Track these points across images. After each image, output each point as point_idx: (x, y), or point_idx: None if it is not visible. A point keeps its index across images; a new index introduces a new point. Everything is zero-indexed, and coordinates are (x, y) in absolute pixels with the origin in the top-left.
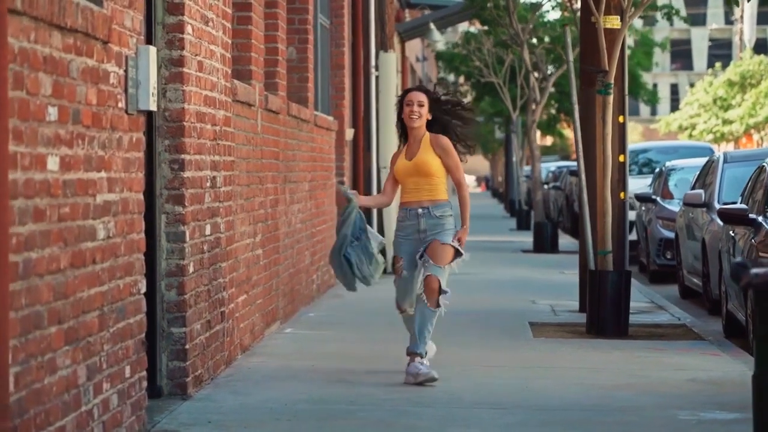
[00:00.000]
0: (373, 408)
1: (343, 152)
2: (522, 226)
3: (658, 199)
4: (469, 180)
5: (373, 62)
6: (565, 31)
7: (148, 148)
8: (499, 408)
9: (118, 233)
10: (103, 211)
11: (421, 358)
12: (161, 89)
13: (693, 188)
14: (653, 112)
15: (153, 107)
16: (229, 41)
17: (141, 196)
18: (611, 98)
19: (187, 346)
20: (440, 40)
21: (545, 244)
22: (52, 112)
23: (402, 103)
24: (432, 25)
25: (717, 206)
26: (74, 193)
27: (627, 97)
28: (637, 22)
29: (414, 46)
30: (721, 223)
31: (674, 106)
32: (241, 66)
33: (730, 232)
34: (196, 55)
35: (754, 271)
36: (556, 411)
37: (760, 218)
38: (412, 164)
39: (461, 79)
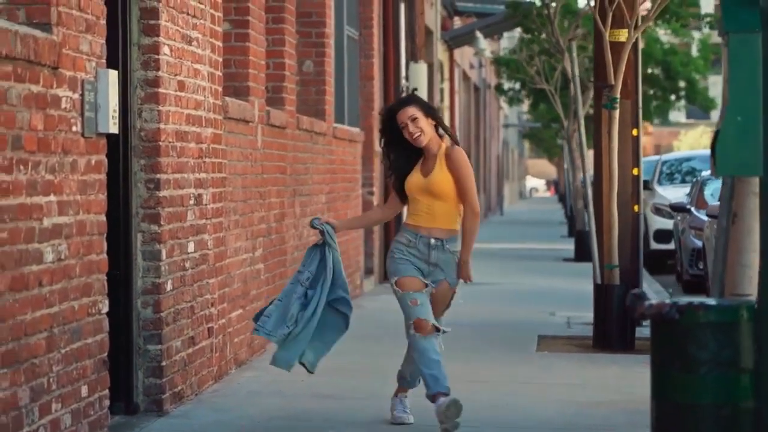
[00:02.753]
0: (346, 426)
1: (372, 163)
2: (573, 232)
3: (692, 208)
4: (539, 183)
5: (403, 73)
6: (570, 45)
7: (123, 168)
8: (470, 426)
9: (73, 255)
10: (53, 235)
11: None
12: (137, 110)
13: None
14: None
15: (113, 130)
16: (220, 59)
17: (102, 218)
18: (617, 113)
19: (163, 363)
20: (486, 48)
21: (587, 252)
22: None
23: (390, 127)
24: (478, 33)
25: None
26: (14, 218)
27: (641, 110)
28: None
29: (467, 52)
30: None
31: None
32: (238, 83)
33: None
34: (176, 75)
35: (648, 302)
36: (525, 429)
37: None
38: (425, 182)
39: (518, 85)
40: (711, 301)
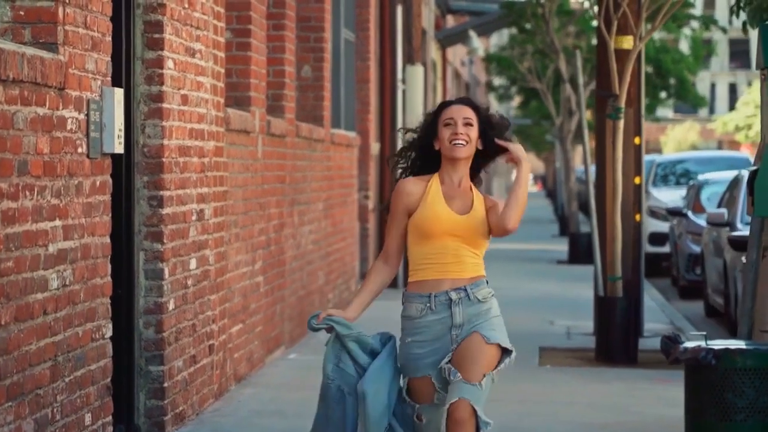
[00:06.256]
0: None
1: (368, 167)
2: (565, 232)
3: (689, 213)
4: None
5: (399, 75)
6: (576, 53)
7: (126, 185)
8: None
9: (77, 280)
10: (57, 260)
11: None
12: (140, 125)
13: (719, 205)
14: (711, 111)
15: (119, 150)
16: (222, 70)
17: (107, 240)
18: (621, 123)
19: (165, 385)
20: (479, 47)
21: (581, 255)
22: None
23: (434, 123)
24: (471, 33)
25: (739, 226)
26: (20, 245)
27: (643, 118)
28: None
29: (459, 50)
30: None
31: (732, 105)
32: (240, 93)
33: (743, 258)
34: (180, 89)
35: (683, 346)
36: None
37: None
38: (465, 220)
39: (507, 82)
40: (749, 346)
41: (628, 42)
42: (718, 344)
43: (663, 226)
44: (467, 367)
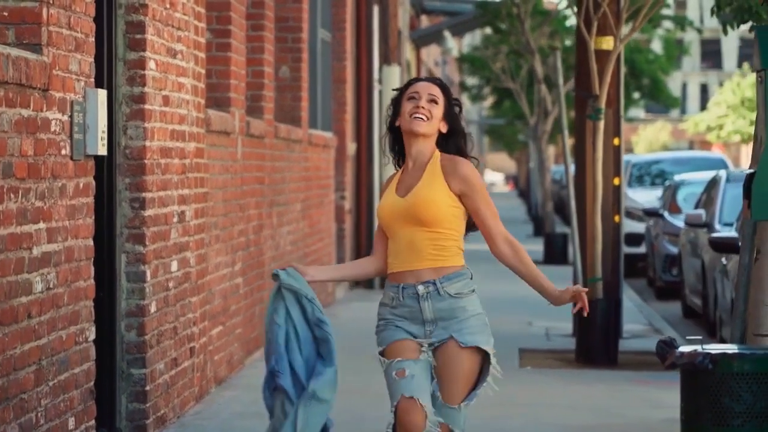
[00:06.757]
0: None
1: (344, 167)
2: (539, 232)
3: (666, 213)
4: (498, 178)
5: (376, 75)
6: (555, 54)
7: (107, 187)
8: None
9: (61, 283)
10: (42, 263)
11: None
12: (122, 126)
13: (697, 206)
14: (683, 111)
15: (102, 151)
16: (203, 71)
17: (90, 242)
18: (601, 123)
19: (147, 388)
20: (454, 47)
21: (556, 255)
22: None
23: (401, 99)
24: (446, 33)
25: (717, 227)
26: (4, 249)
27: (622, 119)
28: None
29: (434, 51)
30: None
31: (704, 105)
32: (220, 94)
33: (722, 259)
34: (161, 89)
35: (679, 350)
36: None
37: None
38: (404, 203)
39: (481, 82)
40: (746, 350)
41: (607, 43)
42: (715, 349)
43: (639, 227)
44: (447, 387)
